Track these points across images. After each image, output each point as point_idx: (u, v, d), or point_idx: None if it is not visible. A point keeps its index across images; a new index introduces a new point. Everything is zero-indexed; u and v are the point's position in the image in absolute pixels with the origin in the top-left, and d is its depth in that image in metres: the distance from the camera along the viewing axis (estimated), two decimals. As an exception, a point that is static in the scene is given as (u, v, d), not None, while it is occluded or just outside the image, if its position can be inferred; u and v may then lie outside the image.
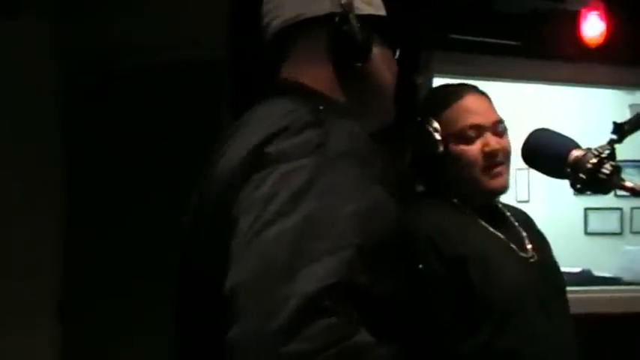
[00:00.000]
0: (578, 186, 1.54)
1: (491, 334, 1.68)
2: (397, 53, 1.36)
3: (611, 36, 3.18)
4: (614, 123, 1.54)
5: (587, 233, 5.66)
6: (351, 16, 1.23)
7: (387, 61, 1.34)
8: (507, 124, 1.87)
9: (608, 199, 5.07)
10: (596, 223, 5.63)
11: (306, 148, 1.08)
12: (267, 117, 1.18)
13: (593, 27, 3.16)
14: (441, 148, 1.81)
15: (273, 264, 1.00)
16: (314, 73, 1.27)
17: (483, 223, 1.82)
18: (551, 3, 2.93)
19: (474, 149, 1.81)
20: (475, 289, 1.70)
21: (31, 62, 3.06)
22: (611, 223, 5.62)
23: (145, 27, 3.02)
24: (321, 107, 1.17)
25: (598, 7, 3.15)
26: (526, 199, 5.82)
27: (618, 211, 5.56)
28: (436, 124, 1.81)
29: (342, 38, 1.24)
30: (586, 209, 5.58)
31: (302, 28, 1.27)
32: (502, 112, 1.90)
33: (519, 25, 3.09)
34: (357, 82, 1.28)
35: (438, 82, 3.41)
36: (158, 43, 2.98)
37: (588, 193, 1.58)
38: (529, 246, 1.85)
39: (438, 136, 1.81)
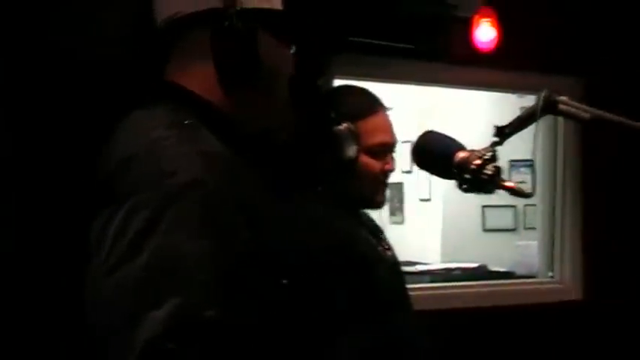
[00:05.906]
0: (464, 186, 1.63)
1: (373, 330, 1.75)
2: (292, 50, 1.30)
3: (502, 42, 3.32)
4: (496, 126, 1.63)
5: (484, 230, 5.86)
6: (232, 11, 1.17)
7: (281, 58, 1.27)
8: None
9: (503, 197, 5.23)
10: (492, 219, 5.81)
11: (155, 179, 1.07)
12: (131, 132, 1.17)
13: (485, 33, 3.30)
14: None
15: (117, 313, 1.03)
16: (196, 73, 1.22)
17: (358, 225, 1.89)
18: (445, 9, 3.04)
19: (378, 166, 1.87)
20: (362, 287, 1.76)
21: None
22: (506, 219, 5.81)
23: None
24: (186, 122, 1.15)
25: (490, 15, 3.29)
26: (427, 197, 5.98)
27: (512, 209, 5.79)
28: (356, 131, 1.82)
29: (223, 36, 1.18)
30: (483, 207, 5.77)
31: (183, 25, 1.22)
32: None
33: (416, 30, 3.18)
34: (245, 81, 1.21)
35: (338, 83, 3.48)
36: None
37: (474, 193, 1.67)
38: (386, 246, 1.94)
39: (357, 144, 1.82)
